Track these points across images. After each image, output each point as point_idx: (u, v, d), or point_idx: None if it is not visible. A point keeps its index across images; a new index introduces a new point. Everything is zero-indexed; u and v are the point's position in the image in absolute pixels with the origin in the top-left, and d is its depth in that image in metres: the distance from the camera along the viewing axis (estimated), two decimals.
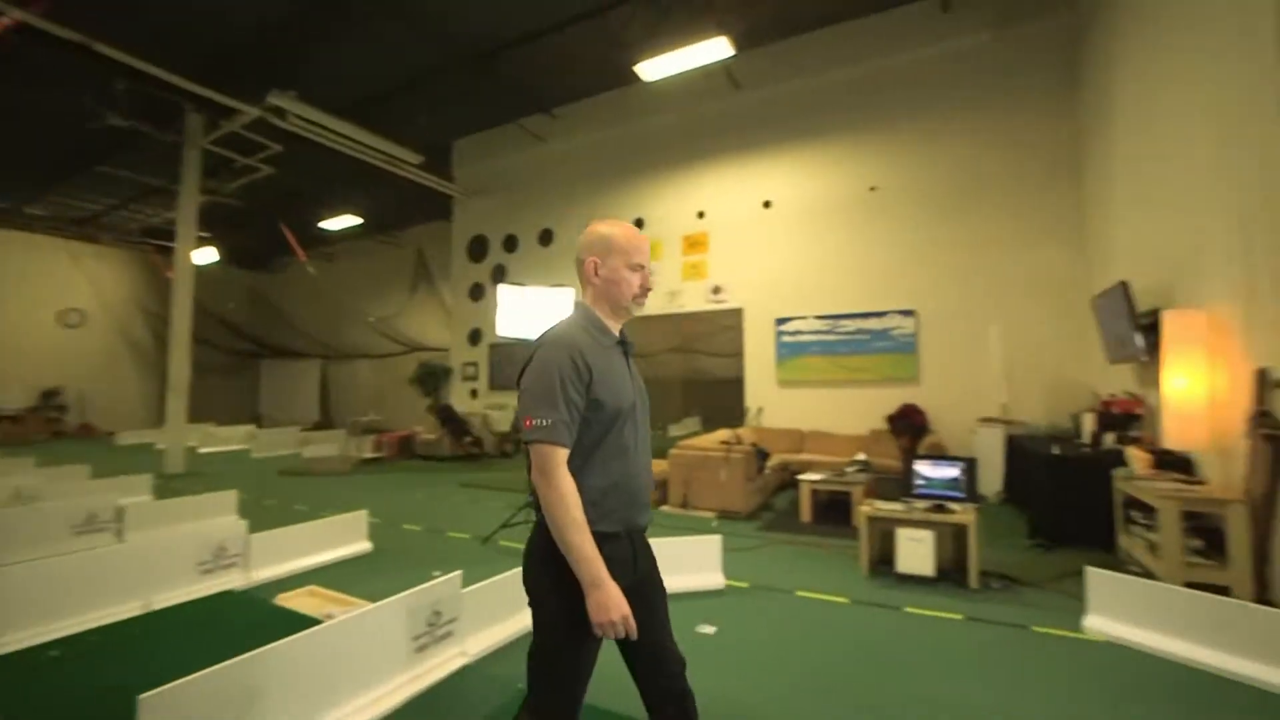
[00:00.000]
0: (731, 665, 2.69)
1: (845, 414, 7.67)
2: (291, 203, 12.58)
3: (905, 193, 7.70)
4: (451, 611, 2.69)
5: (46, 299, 14.30)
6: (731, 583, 3.70)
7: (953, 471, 3.92)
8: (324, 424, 15.27)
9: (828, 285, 8.07)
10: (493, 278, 11.14)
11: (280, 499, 6.54)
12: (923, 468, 4.02)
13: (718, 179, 9.00)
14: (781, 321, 8.31)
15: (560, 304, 5.31)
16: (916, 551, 3.63)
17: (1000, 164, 7.18)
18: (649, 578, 1.49)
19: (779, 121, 8.53)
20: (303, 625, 2.36)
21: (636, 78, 7.09)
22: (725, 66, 7.92)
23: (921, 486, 3.97)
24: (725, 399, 9.48)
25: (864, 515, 3.91)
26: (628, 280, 1.45)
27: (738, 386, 8.68)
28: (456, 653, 2.68)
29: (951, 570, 3.71)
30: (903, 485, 4.04)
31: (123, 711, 1.78)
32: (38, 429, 13.22)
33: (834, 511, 5.42)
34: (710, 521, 5.51)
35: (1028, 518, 5.08)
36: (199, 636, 3.02)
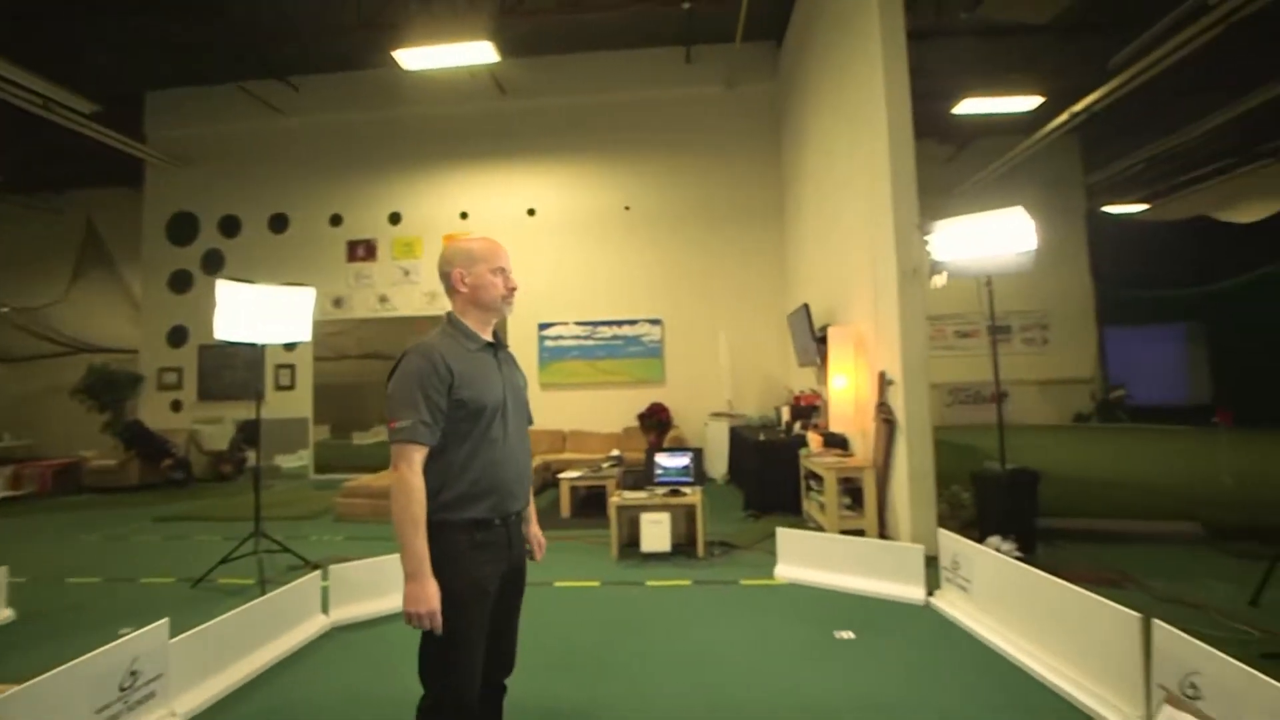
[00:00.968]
0: None
1: (602, 414, 8.29)
2: None
3: (655, 214, 8.66)
4: (155, 669, 2.26)
5: None
6: None
7: (684, 460, 4.59)
8: None
9: (587, 293, 8.63)
10: (204, 265, 9.29)
11: None
12: (661, 458, 4.63)
13: (483, 182, 8.92)
14: (544, 326, 8.61)
15: (299, 306, 4.22)
16: (656, 532, 4.18)
17: (727, 197, 8.57)
18: (521, 568, 1.65)
19: (544, 133, 8.83)
20: None
21: (395, 63, 6.65)
22: (491, 71, 7.90)
23: (660, 475, 4.56)
24: None
25: (613, 505, 4.36)
26: (493, 283, 1.57)
27: None
28: (163, 714, 2.27)
29: (685, 544, 4.35)
30: (646, 475, 4.59)
31: None
32: None
33: (591, 505, 5.84)
34: None
35: (743, 494, 6.15)
36: None
